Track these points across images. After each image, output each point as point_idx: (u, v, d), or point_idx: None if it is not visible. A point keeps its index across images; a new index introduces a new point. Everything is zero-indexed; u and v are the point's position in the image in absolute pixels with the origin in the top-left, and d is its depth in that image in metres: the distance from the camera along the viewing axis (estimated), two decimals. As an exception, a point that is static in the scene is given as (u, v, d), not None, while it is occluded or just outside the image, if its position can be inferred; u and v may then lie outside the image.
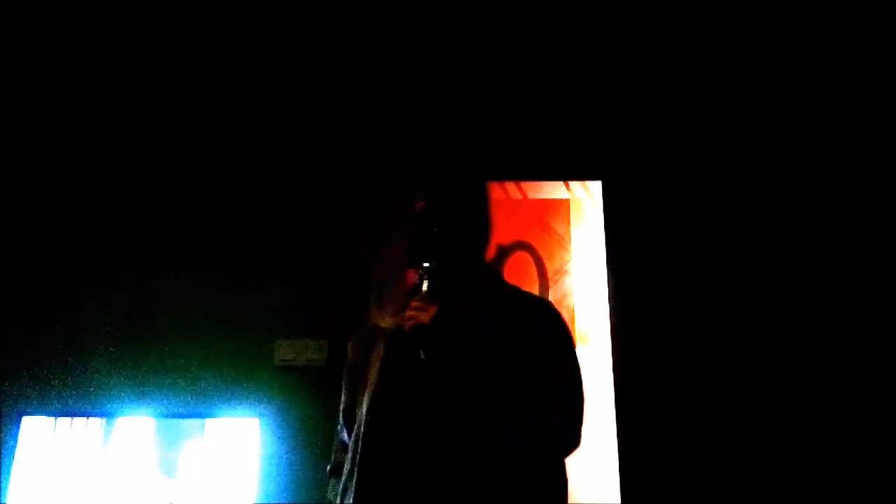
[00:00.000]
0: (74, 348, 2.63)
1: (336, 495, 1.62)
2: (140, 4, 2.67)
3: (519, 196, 2.90)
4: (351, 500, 1.52)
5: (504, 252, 2.83)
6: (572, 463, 1.64)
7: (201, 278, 2.71)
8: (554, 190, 2.90)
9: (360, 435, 1.55)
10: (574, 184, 2.90)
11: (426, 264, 1.56)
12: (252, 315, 2.68)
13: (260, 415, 2.48)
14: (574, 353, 1.60)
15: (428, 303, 1.52)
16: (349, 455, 1.58)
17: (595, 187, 2.89)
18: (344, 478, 1.59)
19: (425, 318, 1.49)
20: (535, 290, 2.79)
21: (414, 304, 1.53)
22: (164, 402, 2.56)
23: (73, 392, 2.58)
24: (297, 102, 2.87)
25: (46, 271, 2.72)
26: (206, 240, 2.76)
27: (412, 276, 1.63)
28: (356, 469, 1.53)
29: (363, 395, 1.61)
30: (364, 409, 1.57)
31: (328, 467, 1.73)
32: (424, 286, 1.55)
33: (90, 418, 2.44)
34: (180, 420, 2.45)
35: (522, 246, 2.84)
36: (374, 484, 1.50)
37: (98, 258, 2.73)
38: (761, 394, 2.57)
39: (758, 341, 2.62)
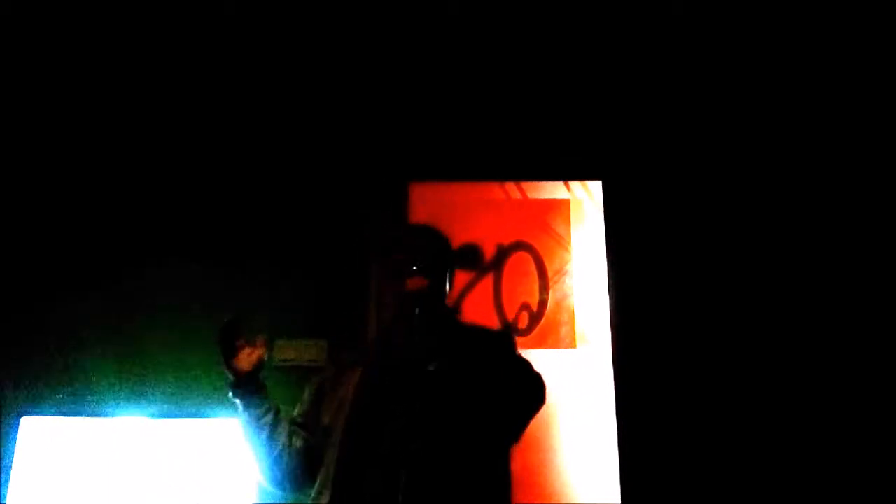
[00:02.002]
0: (74, 348, 2.63)
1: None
2: (141, 4, 2.68)
3: (519, 196, 2.90)
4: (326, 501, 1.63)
5: (504, 252, 2.83)
6: (572, 463, 1.65)
7: (201, 278, 2.71)
8: (554, 190, 2.90)
9: (341, 432, 1.69)
10: (574, 184, 2.90)
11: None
12: (252, 315, 2.68)
13: (259, 415, 2.47)
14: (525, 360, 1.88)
15: (422, 278, 1.80)
16: (324, 465, 1.71)
17: (595, 187, 2.88)
18: (318, 482, 1.71)
19: (423, 284, 1.79)
20: (535, 290, 2.79)
21: (409, 280, 1.80)
22: (164, 402, 2.56)
23: (73, 392, 2.58)
24: (298, 101, 2.86)
25: (45, 271, 2.72)
26: (206, 239, 2.76)
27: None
28: (336, 469, 1.66)
29: (333, 409, 1.77)
30: (340, 425, 1.72)
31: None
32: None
33: (89, 418, 2.44)
34: (179, 420, 2.45)
35: (522, 246, 2.84)
36: (354, 480, 1.63)
37: (97, 258, 2.73)
38: (761, 393, 2.57)
39: (758, 341, 2.62)
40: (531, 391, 1.81)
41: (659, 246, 2.73)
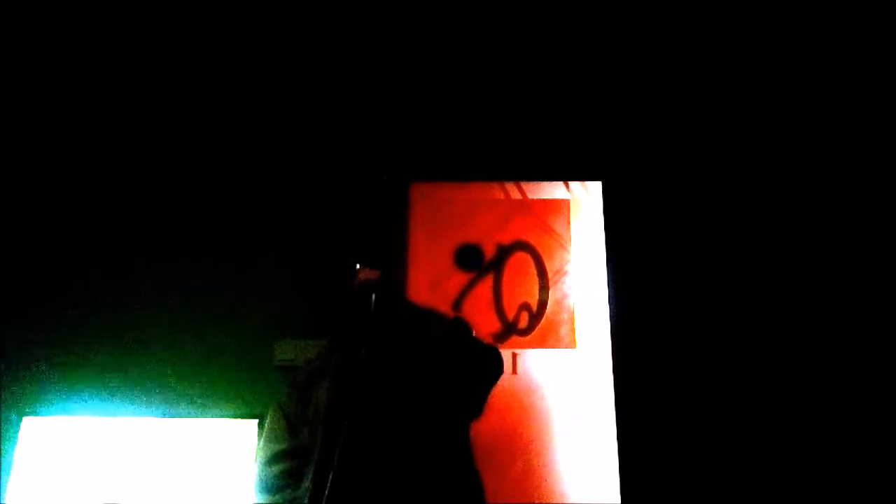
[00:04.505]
0: (74, 348, 2.63)
1: None
2: (141, 4, 2.68)
3: (519, 196, 2.89)
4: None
5: (504, 252, 2.83)
6: (572, 463, 1.65)
7: (201, 278, 2.71)
8: (554, 190, 2.90)
9: (319, 459, 1.73)
10: (574, 184, 2.90)
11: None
12: (252, 315, 2.68)
13: (259, 416, 2.47)
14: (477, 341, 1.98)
15: (372, 270, 1.88)
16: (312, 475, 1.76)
17: (595, 187, 2.89)
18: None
19: (373, 276, 1.87)
20: (535, 290, 2.79)
21: (360, 272, 1.89)
22: (164, 402, 2.56)
23: (73, 392, 2.58)
24: (299, 102, 2.87)
25: (45, 271, 2.72)
26: (207, 239, 2.76)
27: None
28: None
29: (309, 432, 1.81)
30: (319, 440, 1.76)
31: None
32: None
33: (90, 418, 2.44)
34: (179, 420, 2.45)
35: (522, 246, 2.84)
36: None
37: (98, 258, 2.73)
38: (761, 392, 2.57)
39: (757, 340, 2.62)
40: (487, 362, 1.89)
41: (658, 246, 2.74)
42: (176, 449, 2.37)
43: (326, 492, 1.66)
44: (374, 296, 1.88)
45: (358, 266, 1.92)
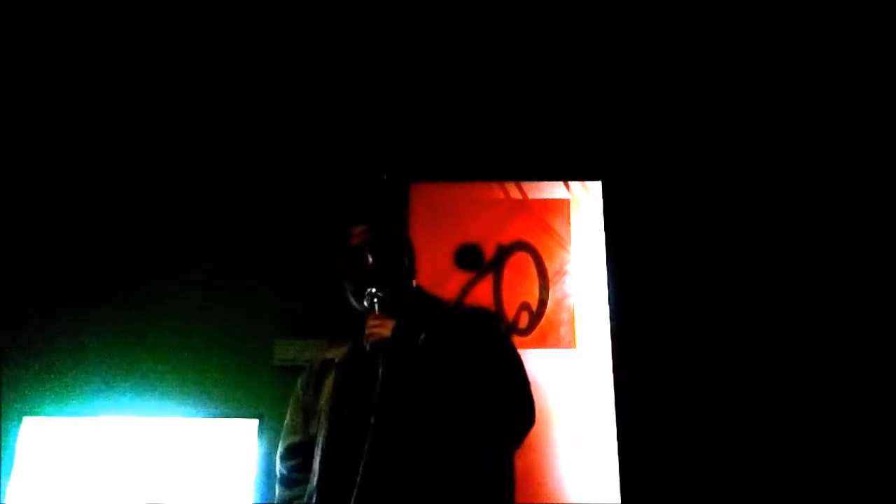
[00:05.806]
0: (74, 348, 2.63)
1: None
2: (141, 3, 2.68)
3: (519, 196, 2.89)
4: None
5: (504, 252, 2.83)
6: (572, 463, 1.65)
7: (201, 278, 2.71)
8: (554, 190, 2.90)
9: (321, 456, 1.70)
10: (574, 184, 2.90)
11: (371, 290, 1.77)
12: (252, 314, 2.68)
13: (259, 416, 2.47)
14: (513, 345, 1.83)
15: (385, 318, 1.70)
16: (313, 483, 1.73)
17: (595, 187, 2.89)
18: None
19: (385, 331, 1.68)
20: (535, 290, 2.79)
21: (372, 321, 1.71)
22: (164, 402, 2.57)
23: (73, 392, 2.58)
24: (299, 102, 2.87)
25: (45, 271, 2.72)
26: (207, 240, 2.77)
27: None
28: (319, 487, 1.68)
29: (317, 425, 1.78)
30: (322, 434, 1.73)
31: None
32: (376, 309, 1.75)
33: (90, 418, 2.44)
34: (179, 420, 2.45)
35: (522, 246, 2.84)
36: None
37: (97, 258, 2.73)
38: (761, 392, 2.57)
39: (757, 340, 2.62)
40: (520, 418, 1.77)
41: (658, 246, 2.74)
42: (176, 449, 2.37)
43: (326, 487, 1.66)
44: (371, 256, 1.78)
45: (375, 306, 1.75)
